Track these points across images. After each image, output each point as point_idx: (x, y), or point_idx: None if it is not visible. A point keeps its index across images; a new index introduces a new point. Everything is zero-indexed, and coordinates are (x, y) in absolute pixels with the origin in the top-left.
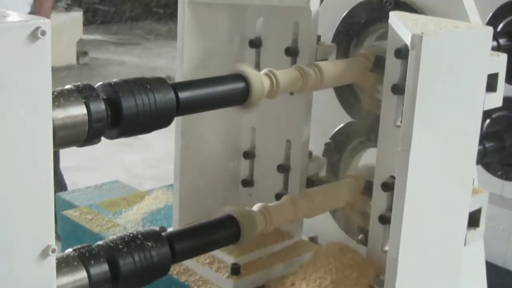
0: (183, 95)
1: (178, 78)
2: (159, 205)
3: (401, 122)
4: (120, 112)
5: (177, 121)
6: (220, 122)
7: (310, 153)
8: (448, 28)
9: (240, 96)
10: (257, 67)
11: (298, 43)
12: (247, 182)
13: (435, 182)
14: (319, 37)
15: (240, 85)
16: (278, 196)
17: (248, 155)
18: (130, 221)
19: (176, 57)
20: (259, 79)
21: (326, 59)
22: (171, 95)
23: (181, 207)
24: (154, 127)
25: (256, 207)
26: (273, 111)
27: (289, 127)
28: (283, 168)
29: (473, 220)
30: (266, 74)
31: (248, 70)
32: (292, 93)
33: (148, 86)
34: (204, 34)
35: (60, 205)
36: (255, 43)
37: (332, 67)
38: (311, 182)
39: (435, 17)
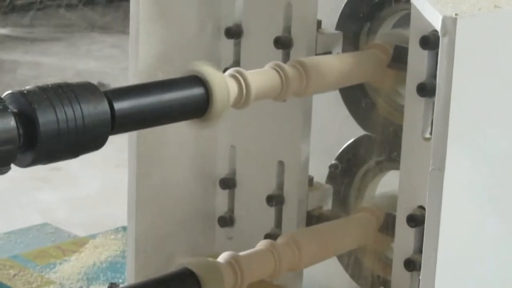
0: (120, 106)
1: (132, 81)
2: (106, 254)
3: (430, 133)
4: (36, 130)
5: (130, 140)
6: (188, 139)
7: (311, 179)
8: (489, 8)
9: (197, 106)
10: (237, 63)
11: (291, 32)
12: (226, 221)
13: (479, 212)
14: (319, 23)
15: (197, 91)
16: (269, 238)
17: (227, 183)
18: (67, 277)
19: (129, 53)
20: (222, 83)
21: (330, 52)
22: (104, 106)
23: (138, 256)
24: (82, 150)
25: (222, 257)
26: (259, 123)
27: (282, 144)
28: (275, 200)
29: None
30: (233, 76)
31: (207, 70)
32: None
33: (73, 95)
34: (166, 21)
35: None
36: (234, 32)
37: (330, 63)
38: (312, 218)
39: None
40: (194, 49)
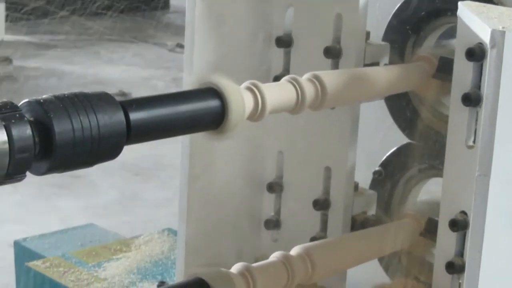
0: (135, 116)
1: (186, 87)
2: (152, 254)
3: (473, 141)
4: (52, 139)
5: (183, 145)
6: (237, 145)
7: (356, 185)
8: None
9: (212, 118)
10: (287, 71)
11: (341, 42)
12: (272, 223)
13: None
14: (368, 34)
15: (213, 103)
16: (314, 241)
17: (274, 187)
18: (117, 274)
19: (184, 60)
20: (238, 96)
21: (377, 63)
22: (120, 116)
23: (188, 256)
24: (97, 160)
25: (235, 268)
26: (307, 129)
27: (329, 150)
28: (321, 204)
29: None
30: (249, 89)
31: (223, 82)
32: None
33: (89, 105)
34: (219, 31)
35: (21, 255)
36: (284, 42)
37: (352, 77)
38: (356, 223)
39: None
40: (245, 57)
